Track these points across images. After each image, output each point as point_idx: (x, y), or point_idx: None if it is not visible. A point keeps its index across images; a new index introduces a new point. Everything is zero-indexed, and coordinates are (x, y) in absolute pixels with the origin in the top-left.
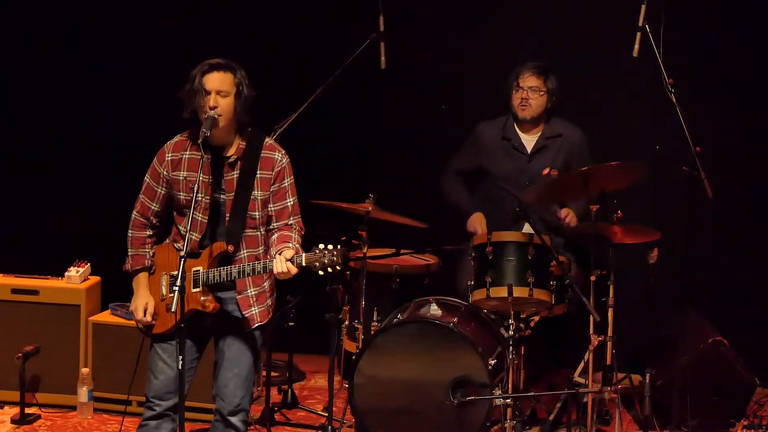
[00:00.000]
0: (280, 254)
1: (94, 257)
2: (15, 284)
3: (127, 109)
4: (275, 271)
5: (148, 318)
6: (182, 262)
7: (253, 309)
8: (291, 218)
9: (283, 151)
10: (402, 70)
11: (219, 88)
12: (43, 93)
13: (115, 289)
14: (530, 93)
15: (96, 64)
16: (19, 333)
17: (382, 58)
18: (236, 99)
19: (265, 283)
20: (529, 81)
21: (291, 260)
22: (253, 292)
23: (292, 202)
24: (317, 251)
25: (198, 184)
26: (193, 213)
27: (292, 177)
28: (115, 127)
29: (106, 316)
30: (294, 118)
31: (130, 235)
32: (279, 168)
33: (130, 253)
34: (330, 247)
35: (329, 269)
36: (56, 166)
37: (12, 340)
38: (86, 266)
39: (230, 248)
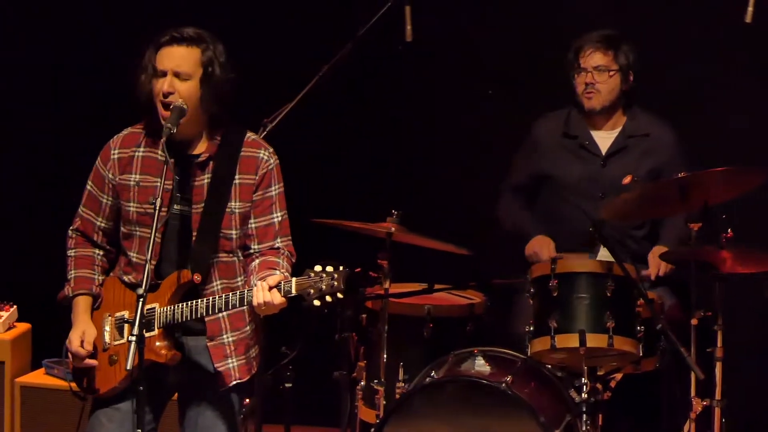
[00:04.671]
0: (262, 281)
1: (23, 297)
2: None
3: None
4: (255, 303)
5: (86, 348)
6: (140, 302)
7: (229, 361)
8: (278, 239)
9: (271, 150)
10: (434, 43)
11: (177, 69)
12: None
13: (51, 341)
14: (597, 75)
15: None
16: None
17: (408, 27)
18: (202, 84)
19: (247, 327)
20: (594, 58)
21: (277, 288)
22: (230, 338)
23: (280, 218)
24: (312, 274)
25: (160, 195)
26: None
27: (282, 185)
28: (51, 130)
29: (38, 377)
30: (290, 109)
31: (72, 254)
32: (264, 170)
33: (71, 276)
34: (329, 269)
35: (329, 297)
36: None
37: None
38: (11, 310)
39: (197, 278)
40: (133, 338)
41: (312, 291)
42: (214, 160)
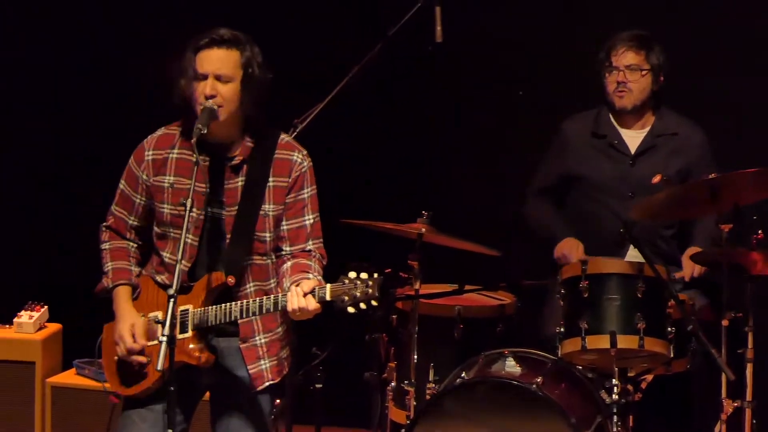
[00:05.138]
0: (296, 286)
1: (53, 298)
2: None
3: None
4: (289, 308)
5: (141, 342)
6: (171, 303)
7: (261, 363)
8: (310, 242)
9: (305, 152)
10: (464, 44)
11: (218, 72)
12: None
13: (82, 341)
14: (628, 74)
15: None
16: None
17: (438, 28)
18: (243, 86)
19: (279, 328)
20: (626, 57)
21: (311, 293)
22: (262, 340)
23: (312, 221)
24: (346, 281)
25: (191, 197)
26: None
27: (314, 187)
28: (82, 129)
29: (69, 377)
30: (320, 110)
31: (106, 247)
32: (298, 173)
33: (108, 268)
34: (364, 275)
35: (363, 305)
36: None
37: None
38: (42, 310)
39: (231, 280)
40: (164, 339)
41: (346, 298)
42: (247, 162)
